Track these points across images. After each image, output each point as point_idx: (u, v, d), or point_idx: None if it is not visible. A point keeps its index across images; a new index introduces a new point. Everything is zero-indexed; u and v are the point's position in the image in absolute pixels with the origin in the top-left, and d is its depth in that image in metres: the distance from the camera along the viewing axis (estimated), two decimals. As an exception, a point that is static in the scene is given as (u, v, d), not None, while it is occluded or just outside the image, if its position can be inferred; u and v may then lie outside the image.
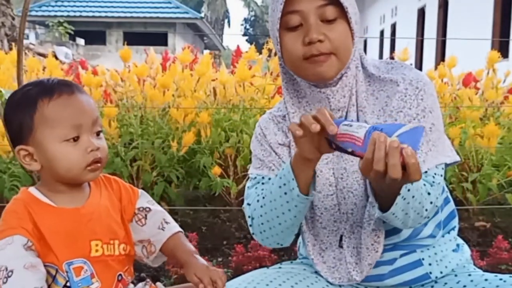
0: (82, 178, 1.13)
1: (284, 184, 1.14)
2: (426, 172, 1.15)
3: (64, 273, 1.10)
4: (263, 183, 1.27)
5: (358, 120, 1.21)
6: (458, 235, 1.36)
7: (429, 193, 1.12)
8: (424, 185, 1.12)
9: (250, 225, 1.26)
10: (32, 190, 1.15)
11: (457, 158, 1.24)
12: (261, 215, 1.21)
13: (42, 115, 1.10)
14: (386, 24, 18.23)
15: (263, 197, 1.20)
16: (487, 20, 10.28)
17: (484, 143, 3.04)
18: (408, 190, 1.05)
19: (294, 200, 1.14)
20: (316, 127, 1.00)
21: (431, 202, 1.13)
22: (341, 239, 1.24)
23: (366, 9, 20.71)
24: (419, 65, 13.40)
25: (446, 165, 1.22)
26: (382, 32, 18.61)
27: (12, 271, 1.02)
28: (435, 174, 1.17)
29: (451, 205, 1.34)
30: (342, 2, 1.13)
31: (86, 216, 1.13)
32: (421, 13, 14.74)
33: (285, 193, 1.15)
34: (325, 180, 1.23)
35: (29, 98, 1.12)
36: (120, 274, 1.18)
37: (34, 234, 1.08)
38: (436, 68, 4.00)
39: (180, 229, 1.29)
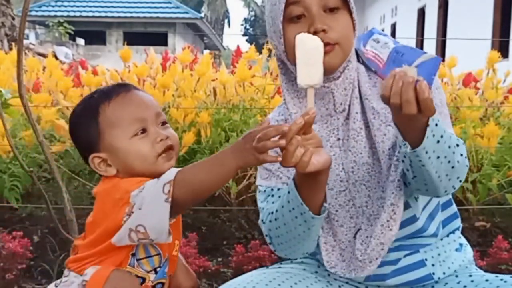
0: (159, 168, 1.12)
1: (293, 209, 1.12)
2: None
3: (164, 259, 1.16)
4: (273, 195, 1.24)
5: (363, 108, 1.19)
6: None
7: (457, 145, 1.09)
8: (453, 137, 1.09)
9: (270, 243, 1.23)
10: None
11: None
12: (278, 236, 1.19)
13: (105, 117, 1.12)
14: (386, 24, 18.24)
15: (276, 219, 1.17)
16: (487, 20, 10.28)
17: (484, 143, 3.04)
18: (436, 125, 1.01)
19: (308, 222, 1.12)
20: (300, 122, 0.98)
21: (461, 154, 1.09)
22: (357, 233, 1.21)
23: (366, 9, 20.72)
24: (419, 65, 13.38)
25: None
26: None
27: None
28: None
29: (454, 207, 1.33)
30: None
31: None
32: (421, 13, 14.75)
33: (296, 217, 1.12)
34: (335, 177, 1.21)
35: (90, 106, 1.14)
36: (170, 275, 1.23)
37: None
38: (436, 68, 3.99)
39: None
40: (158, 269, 1.15)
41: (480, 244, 2.77)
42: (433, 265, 1.22)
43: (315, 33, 1.12)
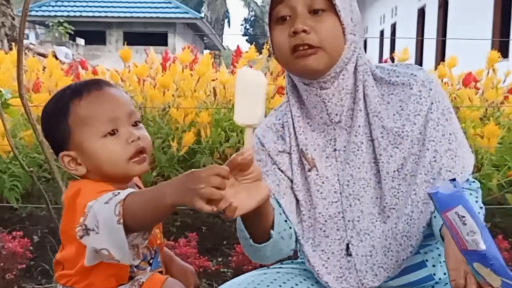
0: (130, 172, 1.10)
1: (241, 230, 1.14)
2: (467, 180, 1.15)
3: (153, 250, 1.16)
4: None
5: (370, 123, 1.17)
6: None
7: (481, 207, 1.12)
8: (476, 202, 1.11)
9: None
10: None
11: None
12: (244, 246, 1.21)
13: (76, 116, 1.09)
14: (386, 24, 18.24)
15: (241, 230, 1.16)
16: (487, 20, 10.28)
17: (484, 143, 3.04)
18: None
19: (253, 246, 1.15)
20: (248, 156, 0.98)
21: (483, 214, 1.12)
22: (348, 247, 1.19)
23: (366, 9, 20.71)
24: (419, 65, 13.37)
25: None
26: (382, 32, 18.61)
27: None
28: (474, 180, 1.18)
29: None
30: None
31: None
32: (421, 13, 14.74)
33: (246, 239, 1.15)
34: (330, 187, 1.20)
35: (60, 104, 1.11)
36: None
37: None
38: (436, 68, 4.00)
39: None
40: (151, 261, 1.15)
41: (480, 244, 2.77)
42: (433, 265, 1.22)
43: (295, 33, 1.10)
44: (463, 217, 0.88)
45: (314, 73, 1.14)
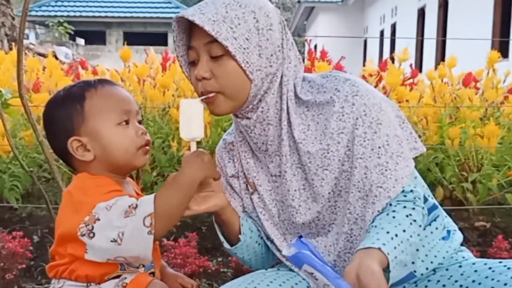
0: (135, 161, 1.16)
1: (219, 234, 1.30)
2: (403, 191, 1.13)
3: None
4: None
5: (298, 150, 1.18)
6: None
7: (415, 220, 1.09)
8: (407, 216, 1.09)
9: None
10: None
11: (423, 149, 1.22)
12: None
13: (92, 103, 1.14)
14: (386, 24, 18.23)
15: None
16: (487, 20, 10.28)
17: (484, 143, 3.04)
18: (395, 257, 1.02)
19: (228, 249, 1.29)
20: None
21: (420, 226, 1.10)
22: None
23: (366, 9, 20.72)
24: (419, 65, 13.40)
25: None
26: (382, 32, 18.61)
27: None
28: (411, 189, 1.14)
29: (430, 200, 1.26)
30: (221, 41, 1.08)
31: None
32: (421, 13, 14.74)
33: (223, 242, 1.30)
34: (269, 211, 1.25)
35: (75, 92, 1.16)
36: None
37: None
38: (436, 68, 3.99)
39: None
40: None
41: (480, 244, 2.77)
42: (413, 262, 1.16)
43: (197, 80, 1.14)
44: (312, 273, 0.98)
45: (220, 115, 1.19)
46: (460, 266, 1.19)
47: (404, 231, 1.06)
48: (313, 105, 1.19)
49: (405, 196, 1.13)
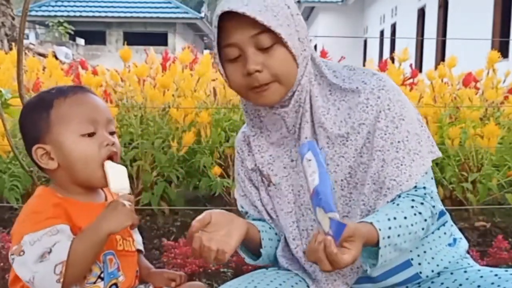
0: (94, 179, 1.14)
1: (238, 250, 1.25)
2: (415, 187, 1.14)
3: (101, 263, 1.13)
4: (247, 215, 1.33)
5: (316, 135, 1.19)
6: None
7: (420, 213, 1.11)
8: (412, 207, 1.11)
9: None
10: (51, 189, 1.17)
11: (439, 154, 1.23)
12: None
13: (58, 111, 1.13)
14: (386, 24, 18.23)
15: None
16: (487, 20, 10.28)
17: (484, 143, 3.04)
18: (388, 237, 1.04)
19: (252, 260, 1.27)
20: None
21: (425, 220, 1.12)
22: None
23: (366, 9, 20.72)
24: (419, 65, 13.40)
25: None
26: (382, 32, 18.61)
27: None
28: (424, 185, 1.16)
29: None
30: (274, 29, 1.09)
31: None
32: (421, 13, 14.74)
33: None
34: (284, 198, 1.24)
35: (45, 99, 1.15)
36: (137, 270, 1.24)
37: (71, 224, 1.10)
38: (436, 68, 3.99)
39: (142, 248, 1.34)
40: (102, 274, 1.13)
41: (480, 244, 2.77)
42: (419, 264, 1.20)
43: (249, 74, 1.12)
44: (309, 160, 1.02)
45: (272, 104, 1.18)
46: (465, 272, 1.19)
47: (405, 218, 1.08)
48: (336, 90, 1.20)
49: (415, 190, 1.15)
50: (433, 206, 1.14)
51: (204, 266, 2.25)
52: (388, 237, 1.04)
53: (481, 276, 1.15)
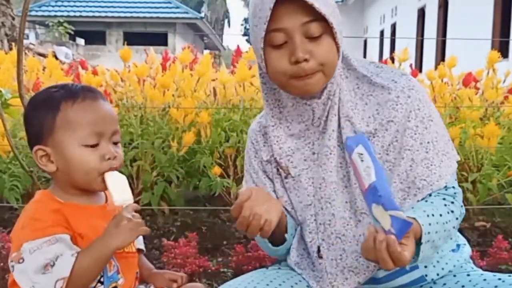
0: (94, 185, 1.13)
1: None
2: (445, 187, 1.16)
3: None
4: None
5: (341, 129, 1.18)
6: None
7: (452, 211, 1.13)
8: (445, 205, 1.12)
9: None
10: (50, 193, 1.16)
11: (458, 157, 1.24)
12: (262, 247, 1.29)
13: (64, 116, 1.11)
14: (386, 24, 18.23)
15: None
16: (487, 20, 10.28)
17: (484, 143, 3.04)
18: (429, 233, 1.05)
19: (270, 248, 1.25)
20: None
21: (456, 219, 1.13)
22: (319, 250, 1.21)
23: (366, 9, 20.72)
24: (419, 65, 13.40)
25: None
26: (382, 32, 18.61)
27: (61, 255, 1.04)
28: (453, 185, 1.17)
29: None
30: (328, 18, 1.08)
31: (111, 212, 1.14)
32: (421, 13, 14.74)
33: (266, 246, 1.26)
34: (303, 190, 1.22)
35: (53, 99, 1.13)
36: (137, 271, 1.23)
37: (71, 231, 1.09)
38: (436, 68, 4.00)
39: (143, 247, 1.33)
40: (102, 278, 1.13)
41: (480, 244, 2.77)
42: (425, 266, 1.20)
43: (296, 62, 1.10)
44: (361, 154, 0.99)
45: (312, 94, 1.16)
46: (468, 275, 1.20)
47: (440, 215, 1.09)
48: (364, 83, 1.20)
49: (446, 190, 1.16)
50: (461, 206, 1.16)
51: (204, 266, 2.25)
52: (428, 233, 1.05)
53: (484, 279, 1.15)
